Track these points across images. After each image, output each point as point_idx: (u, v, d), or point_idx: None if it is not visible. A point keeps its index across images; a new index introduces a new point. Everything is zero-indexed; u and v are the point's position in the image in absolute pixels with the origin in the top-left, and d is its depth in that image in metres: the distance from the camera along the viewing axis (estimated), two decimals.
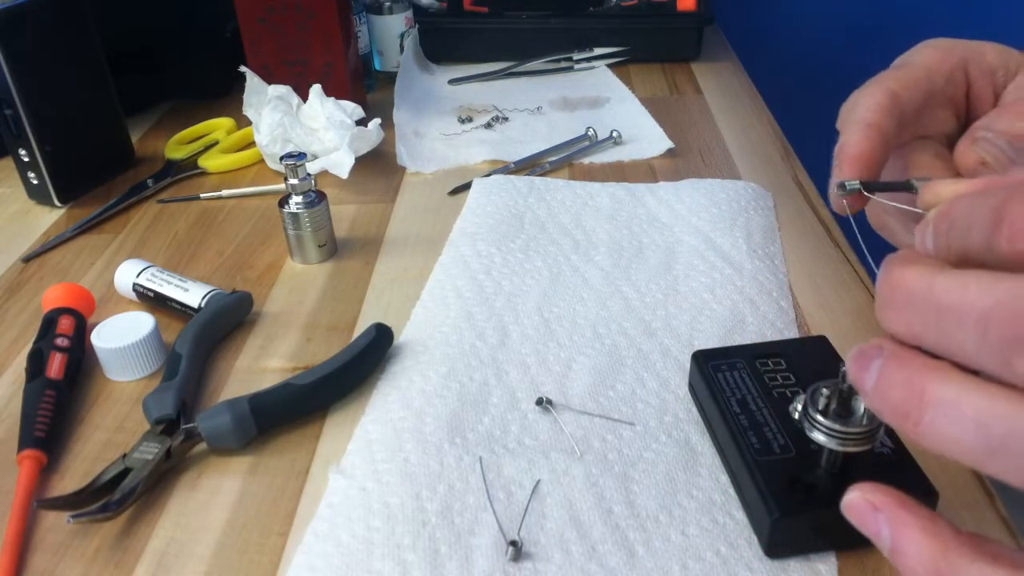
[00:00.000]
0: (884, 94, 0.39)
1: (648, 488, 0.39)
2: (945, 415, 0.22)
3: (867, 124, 0.39)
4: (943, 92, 0.41)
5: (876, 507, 0.26)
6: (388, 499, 0.39)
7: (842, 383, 0.35)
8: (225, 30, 0.85)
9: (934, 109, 0.41)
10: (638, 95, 0.84)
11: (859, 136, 0.38)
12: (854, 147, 0.38)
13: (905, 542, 0.25)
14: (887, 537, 0.25)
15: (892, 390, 0.23)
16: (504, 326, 0.50)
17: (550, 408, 0.44)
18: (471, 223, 0.61)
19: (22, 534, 0.39)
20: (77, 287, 0.53)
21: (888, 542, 0.25)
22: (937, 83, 0.40)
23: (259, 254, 0.61)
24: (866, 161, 0.38)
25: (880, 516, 0.25)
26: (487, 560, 0.36)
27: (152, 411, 0.44)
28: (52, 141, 0.66)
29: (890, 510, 0.25)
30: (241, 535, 0.39)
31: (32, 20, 0.63)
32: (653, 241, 0.58)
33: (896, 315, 0.24)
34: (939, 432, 0.22)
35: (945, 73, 0.41)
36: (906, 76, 0.40)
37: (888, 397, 0.23)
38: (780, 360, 0.42)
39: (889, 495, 0.26)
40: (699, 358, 0.43)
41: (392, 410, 0.44)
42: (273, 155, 0.71)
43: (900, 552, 0.25)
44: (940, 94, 0.41)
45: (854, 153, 0.38)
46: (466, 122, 0.80)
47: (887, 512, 0.25)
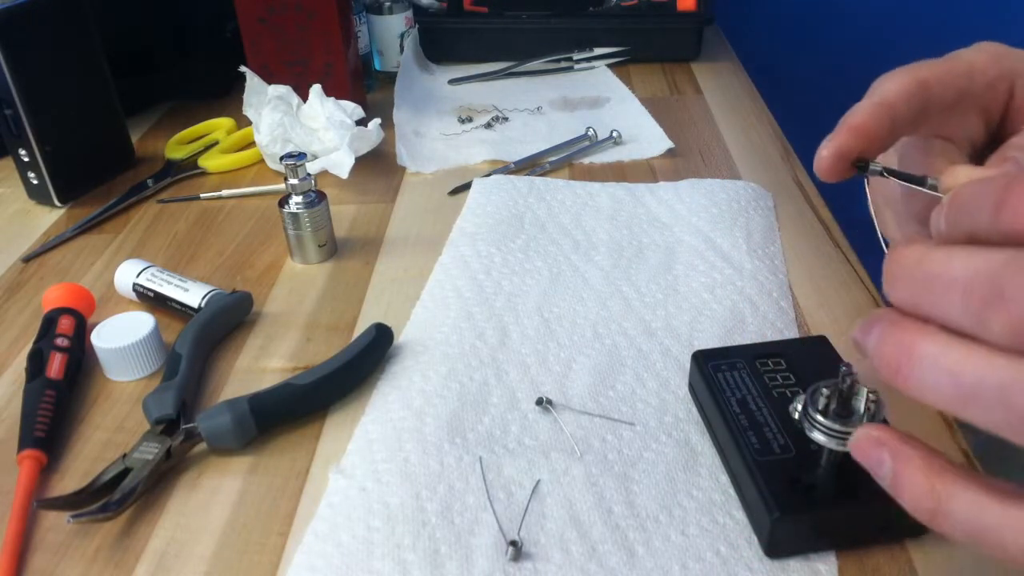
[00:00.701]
0: (912, 80, 0.38)
1: (648, 488, 0.39)
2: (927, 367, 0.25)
3: (880, 103, 0.37)
4: (980, 97, 0.39)
5: (880, 441, 0.28)
6: (388, 499, 0.39)
7: (842, 383, 0.35)
8: (225, 30, 0.85)
9: (966, 112, 0.39)
10: (638, 95, 0.84)
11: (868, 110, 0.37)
12: (858, 118, 0.37)
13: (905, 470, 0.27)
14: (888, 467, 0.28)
15: (886, 347, 0.27)
16: (504, 326, 0.50)
17: (550, 408, 0.44)
18: (471, 223, 0.61)
19: (22, 534, 0.39)
20: (77, 287, 0.53)
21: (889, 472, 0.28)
22: (976, 85, 0.39)
23: (259, 254, 0.61)
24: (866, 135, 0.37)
25: (883, 449, 0.28)
26: (487, 560, 0.36)
27: (152, 411, 0.44)
28: (52, 141, 0.66)
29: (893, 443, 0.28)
30: (241, 535, 0.39)
31: (32, 20, 0.63)
32: (653, 241, 0.58)
33: (897, 286, 0.27)
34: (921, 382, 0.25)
35: (989, 78, 0.39)
36: (945, 68, 0.39)
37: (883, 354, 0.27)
38: (780, 360, 0.42)
39: (892, 432, 0.28)
40: (699, 358, 0.43)
41: (392, 410, 0.44)
42: (273, 155, 0.71)
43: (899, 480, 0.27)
44: (976, 98, 0.39)
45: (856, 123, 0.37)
46: (466, 122, 0.80)
47: (890, 445, 0.28)
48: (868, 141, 0.37)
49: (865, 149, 0.37)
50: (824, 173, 0.37)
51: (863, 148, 0.37)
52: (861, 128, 0.37)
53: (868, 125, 0.37)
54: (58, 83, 0.66)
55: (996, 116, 0.40)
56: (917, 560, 0.36)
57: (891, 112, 0.37)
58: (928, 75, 0.38)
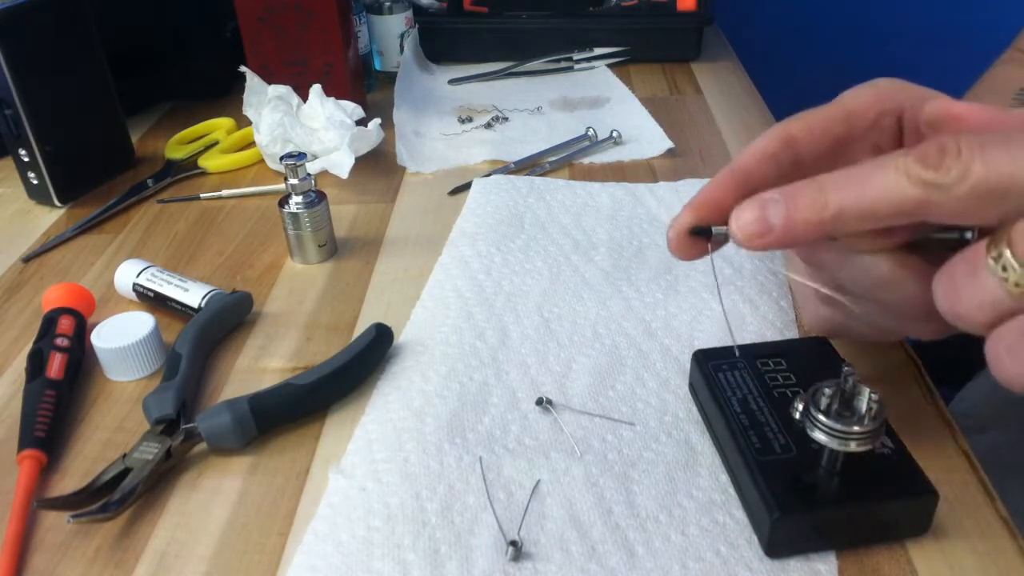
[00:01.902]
0: (778, 139, 0.38)
1: (648, 488, 0.39)
2: None
3: (732, 170, 0.38)
4: (864, 138, 0.39)
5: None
6: (388, 499, 0.39)
7: (844, 383, 0.35)
8: (225, 30, 0.85)
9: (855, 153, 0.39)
10: (638, 95, 0.84)
11: (718, 182, 0.38)
12: (706, 194, 0.38)
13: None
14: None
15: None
16: (504, 326, 0.50)
17: (550, 408, 0.44)
18: (471, 223, 0.61)
19: (22, 534, 0.39)
20: (77, 287, 0.53)
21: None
22: (856, 128, 0.38)
23: (259, 254, 0.61)
24: (715, 207, 0.37)
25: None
26: (487, 560, 0.36)
27: (152, 411, 0.44)
28: (52, 141, 0.66)
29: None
30: (241, 535, 0.39)
31: (32, 20, 0.63)
32: (653, 241, 0.58)
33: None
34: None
35: (870, 119, 0.39)
36: (818, 119, 0.38)
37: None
38: (781, 360, 0.42)
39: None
40: (699, 358, 0.43)
41: (392, 410, 0.44)
42: (273, 155, 0.71)
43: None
44: (860, 139, 0.39)
45: (698, 201, 0.38)
46: (466, 122, 0.80)
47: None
48: (719, 212, 0.37)
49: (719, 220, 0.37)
50: (677, 252, 0.38)
51: (715, 220, 0.37)
52: (705, 203, 0.37)
53: (714, 198, 0.37)
54: (58, 83, 0.66)
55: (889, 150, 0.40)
56: (917, 560, 0.36)
57: (744, 179, 0.37)
58: (796, 128, 0.38)
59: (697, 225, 0.37)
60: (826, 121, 0.38)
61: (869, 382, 0.35)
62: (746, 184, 0.37)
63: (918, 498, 0.36)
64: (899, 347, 0.48)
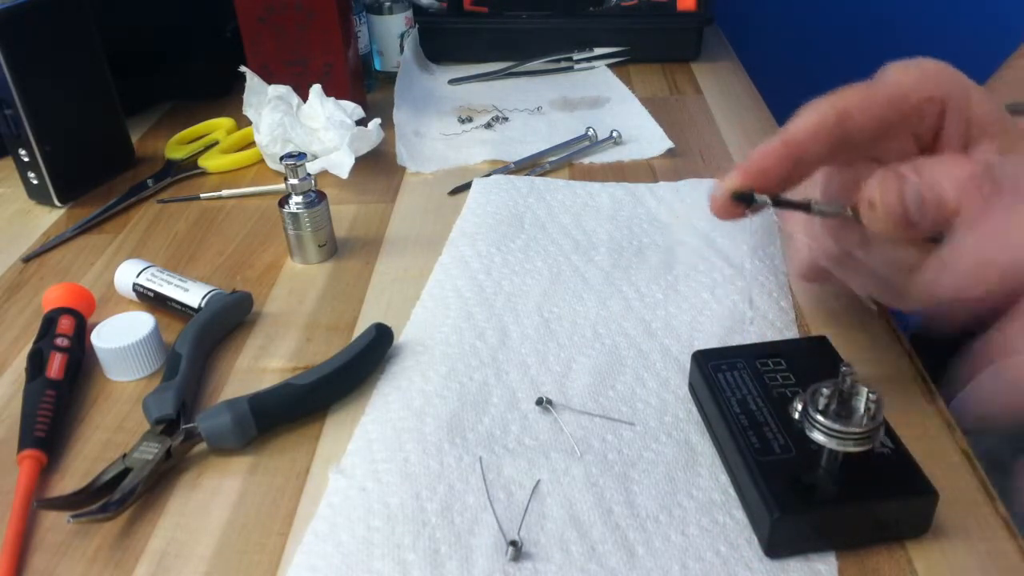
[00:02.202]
0: (831, 113, 0.37)
1: (648, 488, 0.39)
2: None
3: (786, 142, 0.37)
4: (907, 120, 0.39)
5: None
6: (388, 499, 0.39)
7: (842, 383, 0.35)
8: (225, 30, 0.85)
9: (895, 136, 0.39)
10: (638, 95, 0.84)
11: (769, 150, 0.37)
12: (757, 160, 0.38)
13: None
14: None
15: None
16: (504, 326, 0.50)
17: (550, 408, 0.44)
18: (471, 223, 0.61)
19: (22, 534, 0.39)
20: (77, 287, 0.53)
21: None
22: (901, 111, 0.38)
23: (259, 254, 0.61)
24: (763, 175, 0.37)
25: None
26: (487, 560, 0.36)
27: (152, 411, 0.44)
28: (52, 141, 0.66)
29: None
30: (241, 535, 0.39)
31: (32, 20, 0.63)
32: (653, 241, 0.58)
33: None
34: None
35: (915, 104, 0.38)
36: (869, 98, 0.38)
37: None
38: (780, 360, 0.42)
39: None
40: (699, 358, 0.43)
41: (392, 410, 0.44)
42: (273, 155, 0.71)
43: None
44: (904, 122, 0.39)
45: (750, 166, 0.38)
46: (466, 122, 0.80)
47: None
48: (765, 181, 0.37)
49: (763, 188, 0.37)
50: (717, 213, 0.39)
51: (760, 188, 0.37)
52: (755, 170, 0.38)
53: (764, 166, 0.37)
54: (58, 83, 0.66)
55: (928, 138, 0.40)
56: (917, 560, 0.36)
57: (796, 151, 0.37)
58: (850, 106, 0.37)
59: (741, 190, 0.37)
60: (881, 102, 0.38)
61: (869, 382, 0.35)
62: (797, 156, 0.37)
63: (918, 498, 0.36)
64: (899, 347, 0.48)
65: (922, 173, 0.36)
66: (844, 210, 0.39)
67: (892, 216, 0.36)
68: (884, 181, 0.37)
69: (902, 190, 0.36)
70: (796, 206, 0.39)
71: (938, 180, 0.36)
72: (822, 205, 0.39)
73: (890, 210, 0.36)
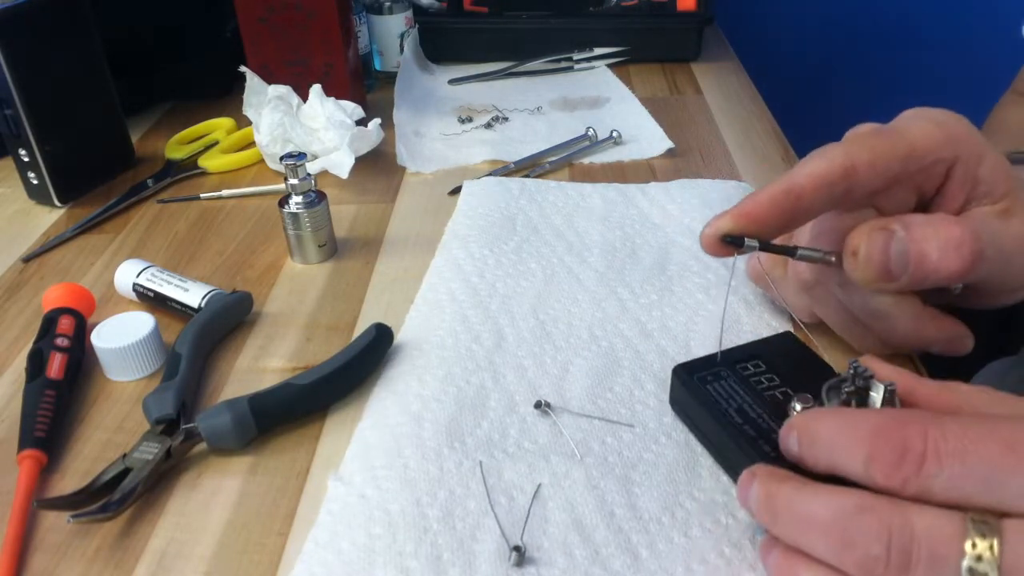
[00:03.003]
0: (841, 169, 0.37)
1: (649, 490, 0.39)
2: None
3: (788, 191, 0.37)
4: (913, 179, 0.39)
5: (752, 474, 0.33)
6: (388, 506, 0.39)
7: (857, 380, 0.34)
8: (225, 30, 0.85)
9: (898, 190, 0.39)
10: (638, 95, 0.84)
11: (769, 199, 0.37)
12: (754, 208, 0.38)
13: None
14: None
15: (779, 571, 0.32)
16: (500, 329, 0.50)
17: (548, 411, 0.44)
18: (463, 225, 0.61)
19: (22, 534, 0.39)
20: (77, 287, 0.53)
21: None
22: (910, 169, 0.38)
23: (259, 254, 0.61)
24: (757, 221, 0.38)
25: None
26: (490, 566, 0.36)
27: (152, 411, 0.44)
28: (52, 141, 0.66)
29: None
30: (241, 535, 0.39)
31: (32, 20, 0.63)
32: (646, 242, 0.58)
33: (776, 524, 0.32)
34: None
35: (926, 163, 0.38)
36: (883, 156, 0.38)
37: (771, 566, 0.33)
38: (759, 362, 0.42)
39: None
40: (681, 372, 0.42)
41: (390, 415, 0.44)
42: (273, 155, 0.71)
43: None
44: (911, 178, 0.39)
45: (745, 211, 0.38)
46: (466, 122, 0.80)
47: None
48: (758, 228, 0.38)
49: (755, 234, 0.38)
50: (706, 249, 0.39)
51: (751, 234, 0.38)
52: (750, 217, 0.38)
53: (760, 214, 0.38)
54: (58, 83, 0.66)
55: (930, 194, 0.40)
56: None
57: (796, 203, 0.37)
58: (860, 164, 0.37)
59: (732, 234, 0.38)
60: (890, 159, 0.38)
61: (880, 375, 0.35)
62: (797, 207, 0.37)
63: None
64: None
65: (910, 230, 0.37)
66: (828, 257, 0.40)
67: (873, 267, 0.37)
68: (872, 233, 0.38)
69: (887, 244, 0.37)
70: (782, 251, 0.39)
71: (925, 239, 0.36)
72: (807, 251, 0.40)
73: (872, 262, 0.37)
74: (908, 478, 0.28)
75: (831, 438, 0.31)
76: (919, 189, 0.40)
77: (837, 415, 0.32)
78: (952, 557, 0.27)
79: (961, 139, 0.39)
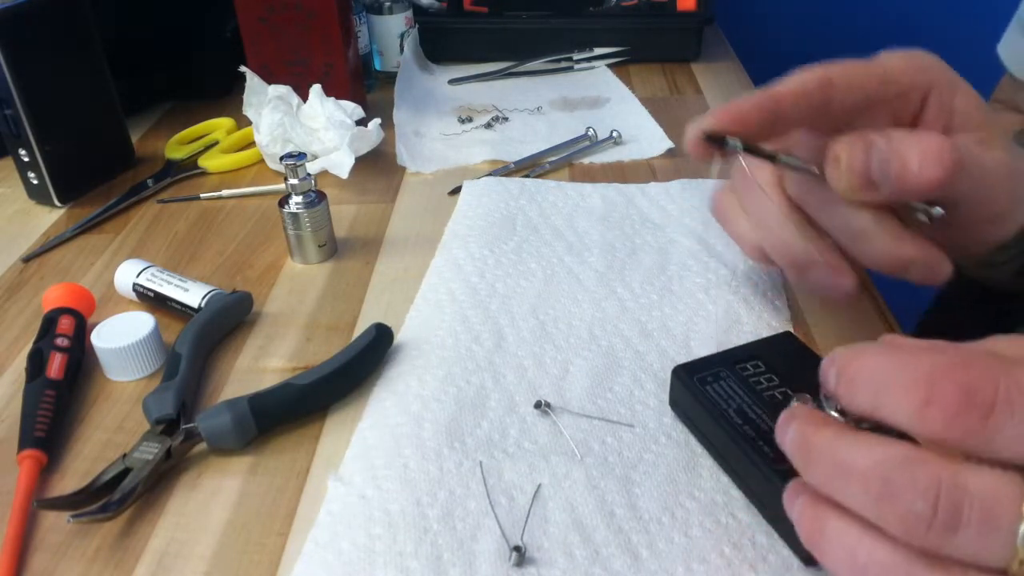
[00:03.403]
0: (818, 80, 0.38)
1: (650, 490, 0.39)
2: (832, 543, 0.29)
3: (766, 95, 0.38)
4: (890, 103, 0.40)
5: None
6: (388, 506, 0.39)
7: None
8: (225, 30, 0.85)
9: (874, 115, 0.40)
10: (638, 95, 0.84)
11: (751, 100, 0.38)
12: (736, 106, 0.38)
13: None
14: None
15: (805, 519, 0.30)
16: (499, 329, 0.50)
17: (548, 411, 0.44)
18: (462, 226, 0.61)
19: (22, 534, 0.39)
20: (77, 287, 0.53)
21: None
22: (887, 92, 0.39)
23: (259, 254, 0.61)
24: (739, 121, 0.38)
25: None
26: (491, 566, 0.36)
27: (152, 411, 0.44)
28: (52, 141, 0.66)
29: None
30: (241, 535, 0.39)
31: (32, 20, 0.63)
32: (646, 242, 0.58)
33: (810, 471, 0.30)
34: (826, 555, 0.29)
35: (902, 87, 0.40)
36: (858, 72, 0.39)
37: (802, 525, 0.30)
38: (758, 363, 0.42)
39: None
40: (681, 373, 0.42)
41: (389, 416, 0.44)
42: (273, 155, 0.71)
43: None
44: (887, 104, 0.40)
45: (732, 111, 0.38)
46: (466, 122, 0.80)
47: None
48: (741, 127, 0.38)
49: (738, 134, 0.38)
50: (690, 151, 0.39)
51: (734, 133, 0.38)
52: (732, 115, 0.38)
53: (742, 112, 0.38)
54: (58, 83, 0.66)
55: (907, 122, 0.41)
56: None
57: (776, 106, 0.38)
58: (836, 75, 0.38)
59: (715, 131, 0.38)
60: (865, 77, 0.39)
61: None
62: (775, 111, 0.38)
63: None
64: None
65: (891, 140, 0.37)
66: (810, 166, 0.39)
67: (855, 174, 0.37)
68: (853, 141, 0.38)
69: (868, 151, 0.37)
70: (765, 155, 0.39)
71: (906, 149, 0.37)
72: (790, 158, 0.40)
73: (854, 169, 0.37)
74: (972, 428, 0.25)
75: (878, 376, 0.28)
76: (896, 117, 0.40)
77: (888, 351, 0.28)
78: (1009, 519, 0.25)
79: (934, 69, 0.40)
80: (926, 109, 0.40)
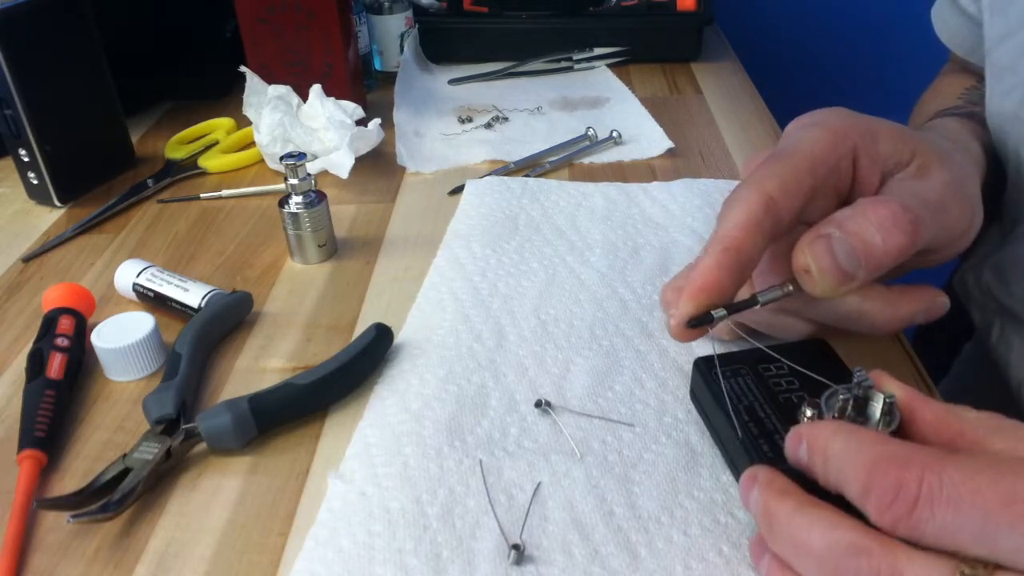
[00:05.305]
0: (761, 205, 0.37)
1: (649, 489, 0.39)
2: None
3: (725, 247, 0.37)
4: (826, 183, 0.39)
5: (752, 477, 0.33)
6: (388, 504, 0.39)
7: (857, 389, 0.34)
8: (225, 30, 0.85)
9: (817, 200, 0.39)
10: (638, 95, 0.84)
11: (712, 262, 0.37)
12: (702, 276, 0.37)
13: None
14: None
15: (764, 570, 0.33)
16: (501, 328, 0.50)
17: (549, 410, 0.44)
18: (465, 225, 0.61)
19: (22, 534, 0.39)
20: (77, 287, 0.53)
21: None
22: (820, 176, 0.38)
23: (259, 254, 0.61)
24: (713, 292, 0.37)
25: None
26: (489, 564, 0.36)
27: (152, 411, 0.44)
28: (52, 141, 0.66)
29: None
30: (241, 535, 0.39)
31: (32, 20, 0.63)
32: (648, 242, 0.58)
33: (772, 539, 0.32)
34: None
35: (831, 164, 0.39)
36: (790, 175, 0.38)
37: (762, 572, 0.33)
38: (782, 365, 0.42)
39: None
40: (701, 365, 0.42)
41: (390, 414, 0.44)
42: (273, 155, 0.71)
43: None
44: (823, 187, 0.39)
45: (700, 284, 0.37)
46: (466, 122, 0.80)
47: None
48: (719, 296, 0.37)
49: (717, 303, 0.37)
50: (679, 340, 0.38)
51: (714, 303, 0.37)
52: (704, 289, 0.37)
53: (711, 282, 0.37)
54: (58, 83, 0.66)
55: (847, 189, 0.40)
56: None
57: (737, 256, 0.37)
58: (773, 189, 0.37)
59: (696, 316, 0.37)
60: (798, 175, 0.38)
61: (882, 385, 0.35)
62: (740, 262, 0.37)
63: None
64: (900, 347, 0.48)
65: (843, 227, 0.37)
66: (786, 288, 0.39)
67: (828, 275, 0.37)
68: (812, 244, 0.37)
69: (831, 248, 0.36)
70: (747, 306, 0.38)
71: (862, 229, 0.36)
72: (766, 295, 0.39)
73: (825, 270, 0.37)
74: (899, 519, 0.28)
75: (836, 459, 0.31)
76: (836, 189, 0.40)
77: (847, 434, 0.31)
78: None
79: (851, 129, 0.39)
80: (858, 169, 0.40)
